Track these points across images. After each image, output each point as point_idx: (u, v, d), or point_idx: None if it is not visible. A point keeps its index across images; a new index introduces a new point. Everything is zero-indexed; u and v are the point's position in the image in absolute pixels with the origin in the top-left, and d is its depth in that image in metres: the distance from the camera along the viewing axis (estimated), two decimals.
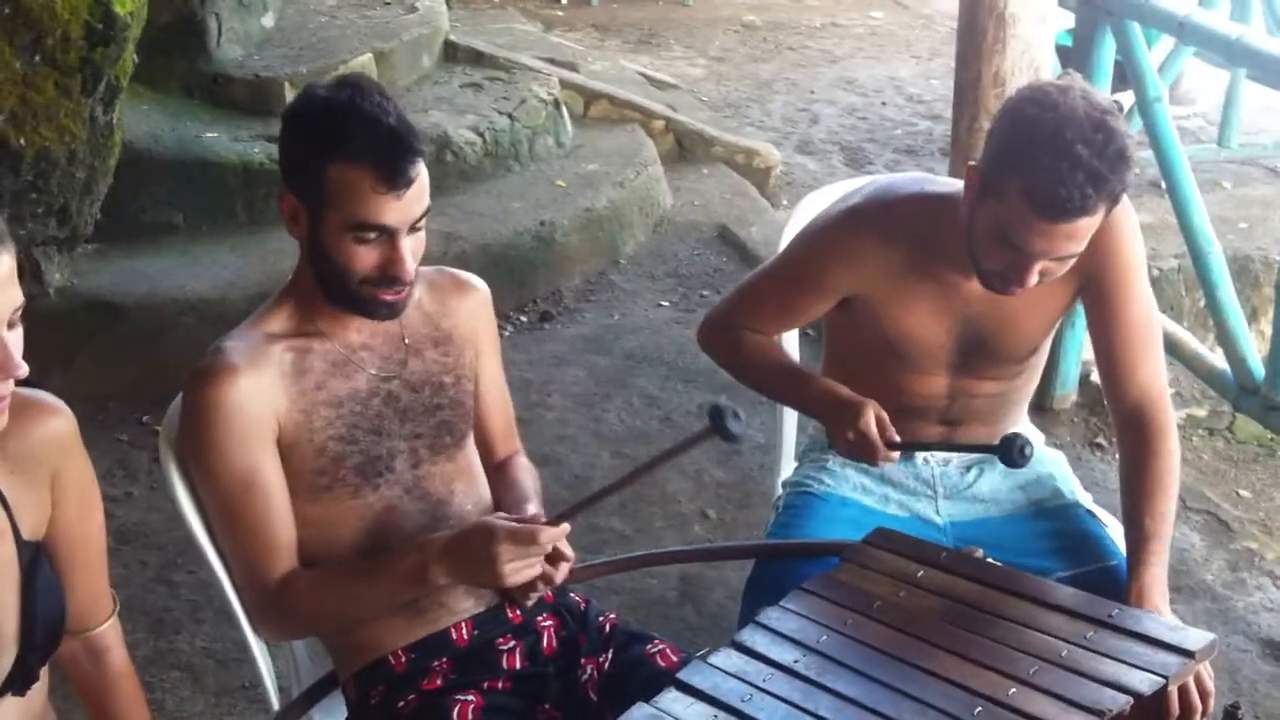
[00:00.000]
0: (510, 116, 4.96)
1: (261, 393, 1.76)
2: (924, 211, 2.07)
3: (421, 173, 1.73)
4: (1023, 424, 2.36)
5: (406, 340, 1.88)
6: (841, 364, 2.27)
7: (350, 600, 1.78)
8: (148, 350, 3.82)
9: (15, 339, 1.40)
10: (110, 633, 1.71)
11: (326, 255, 1.75)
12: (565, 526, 1.73)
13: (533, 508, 1.90)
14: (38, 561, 1.55)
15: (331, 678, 1.91)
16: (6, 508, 1.52)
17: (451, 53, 5.39)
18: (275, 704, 1.93)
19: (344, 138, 1.69)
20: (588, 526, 3.39)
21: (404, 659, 1.82)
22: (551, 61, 5.69)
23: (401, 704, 1.79)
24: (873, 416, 2.00)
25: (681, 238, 5.06)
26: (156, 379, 3.74)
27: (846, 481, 2.24)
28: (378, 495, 1.84)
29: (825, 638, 1.72)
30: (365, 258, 1.73)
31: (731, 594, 3.15)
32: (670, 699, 1.62)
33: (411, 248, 1.75)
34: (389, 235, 1.72)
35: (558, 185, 4.84)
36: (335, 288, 1.78)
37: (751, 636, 1.74)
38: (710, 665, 1.68)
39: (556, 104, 5.19)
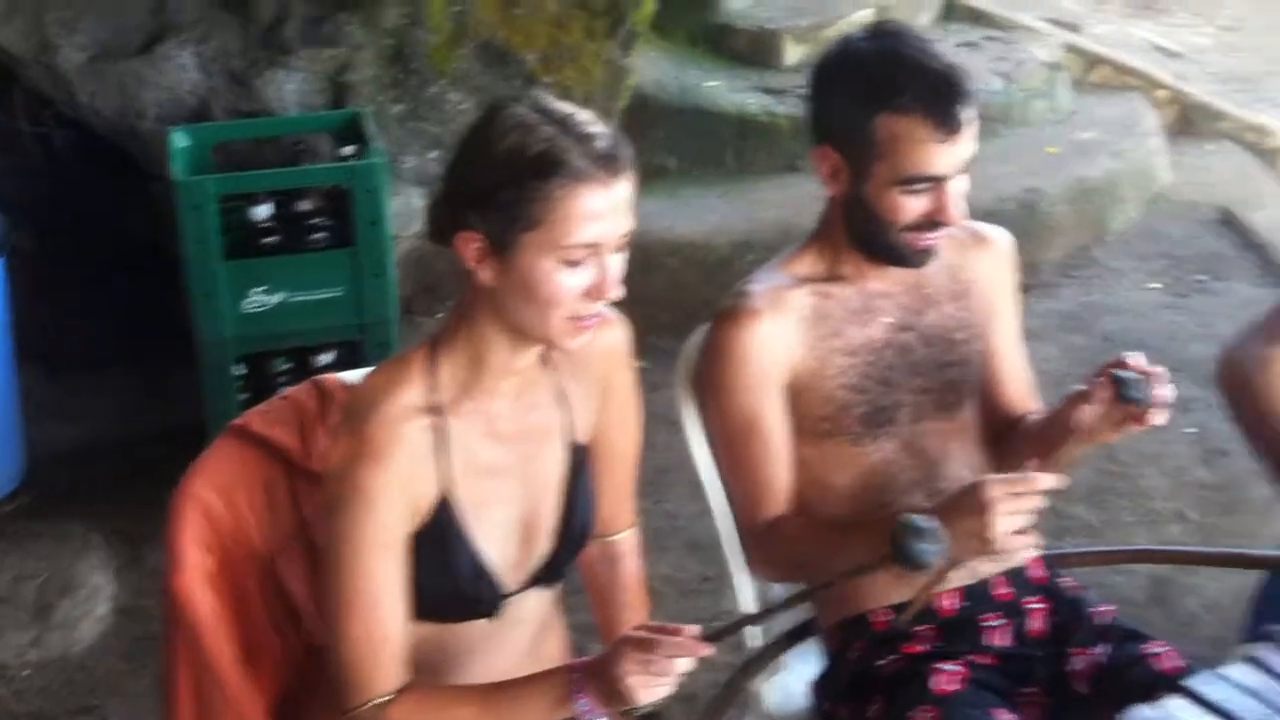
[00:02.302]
0: (1006, 78, 4.81)
1: (779, 339, 1.79)
2: None
3: (974, 116, 1.70)
4: None
5: (926, 290, 1.86)
6: None
7: (826, 551, 1.77)
8: (633, 288, 3.98)
9: (618, 263, 1.49)
10: (627, 542, 1.82)
11: (867, 208, 1.75)
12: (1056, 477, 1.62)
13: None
14: (582, 464, 1.65)
15: (809, 624, 1.93)
16: (565, 409, 1.63)
17: (951, 10, 5.29)
18: (753, 641, 1.98)
19: (892, 89, 1.68)
20: (1050, 512, 3.23)
21: (887, 619, 1.81)
22: (1054, 22, 5.46)
23: (882, 663, 1.79)
24: None
25: (1178, 217, 4.74)
26: (639, 316, 3.87)
27: None
28: (876, 446, 1.83)
29: None
30: (912, 208, 1.72)
31: (1206, 603, 2.95)
32: (1176, 705, 1.53)
33: (959, 190, 1.73)
34: (938, 183, 1.71)
35: (1049, 152, 4.66)
36: (872, 239, 1.77)
37: (1270, 654, 1.61)
38: (1221, 677, 1.57)
39: (1055, 67, 4.99)
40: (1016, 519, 1.59)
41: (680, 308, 3.64)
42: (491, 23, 3.43)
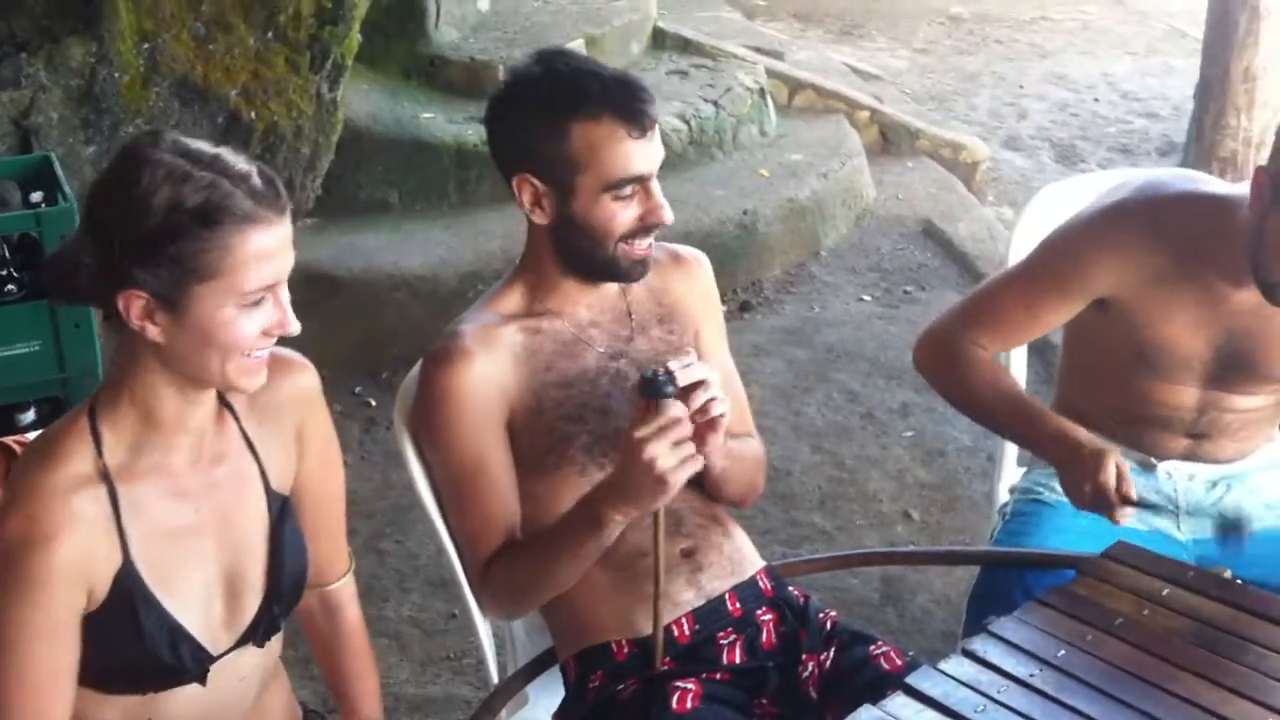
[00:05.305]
0: (716, 104, 4.94)
1: (493, 377, 1.77)
2: (1196, 213, 1.96)
3: (656, 114, 1.74)
4: (1276, 440, 2.22)
5: (633, 317, 1.87)
6: (1083, 369, 2.18)
7: (539, 558, 1.75)
8: (361, 323, 3.92)
9: (287, 296, 1.45)
10: (346, 589, 1.76)
11: (581, 226, 1.74)
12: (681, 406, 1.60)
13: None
14: (285, 513, 1.59)
15: (550, 655, 1.91)
16: (257, 459, 1.56)
17: (660, 40, 5.40)
18: (495, 677, 1.94)
19: (579, 98, 1.69)
20: (787, 521, 3.36)
21: (626, 649, 1.80)
22: (757, 50, 5.65)
23: (621, 688, 1.78)
24: (1113, 470, 1.88)
25: (884, 231, 4.98)
26: (369, 351, 3.85)
27: None
28: (603, 474, 1.81)
29: (1063, 652, 1.65)
30: (624, 215, 1.73)
31: (935, 598, 3.08)
32: (899, 703, 1.57)
33: (659, 191, 1.75)
34: (643, 185, 1.72)
35: (761, 175, 4.81)
36: (590, 258, 1.76)
37: (984, 646, 1.67)
38: (940, 672, 1.62)
39: (762, 93, 5.16)
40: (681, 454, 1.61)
41: (410, 342, 3.59)
42: (186, 59, 3.29)
